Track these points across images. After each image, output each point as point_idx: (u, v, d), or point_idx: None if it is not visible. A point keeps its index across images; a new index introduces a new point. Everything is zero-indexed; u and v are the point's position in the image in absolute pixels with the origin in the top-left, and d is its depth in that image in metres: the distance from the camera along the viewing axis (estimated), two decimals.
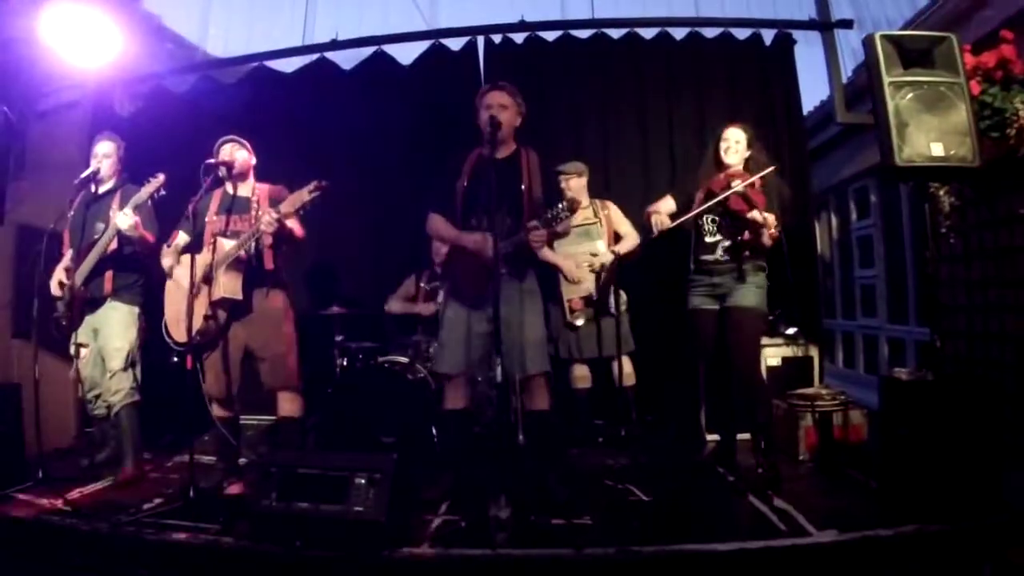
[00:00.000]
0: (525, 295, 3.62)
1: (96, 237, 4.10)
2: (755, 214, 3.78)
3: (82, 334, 4.19)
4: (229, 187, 3.98)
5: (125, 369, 4.16)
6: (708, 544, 2.94)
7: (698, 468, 4.21)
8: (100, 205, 4.23)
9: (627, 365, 4.79)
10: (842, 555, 2.94)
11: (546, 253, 4.67)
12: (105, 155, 4.28)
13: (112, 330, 4.17)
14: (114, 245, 4.09)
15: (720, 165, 4.08)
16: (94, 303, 4.19)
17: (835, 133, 6.84)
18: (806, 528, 3.11)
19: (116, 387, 4.13)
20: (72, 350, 4.17)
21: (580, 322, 4.72)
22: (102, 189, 4.28)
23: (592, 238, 4.82)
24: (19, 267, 5.09)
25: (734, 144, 4.03)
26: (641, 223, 4.57)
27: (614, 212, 4.94)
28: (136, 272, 4.25)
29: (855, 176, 7.14)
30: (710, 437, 4.64)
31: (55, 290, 4.18)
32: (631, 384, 4.84)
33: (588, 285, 4.67)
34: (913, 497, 3.17)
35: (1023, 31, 4.03)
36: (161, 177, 4.00)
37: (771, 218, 3.83)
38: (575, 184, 4.79)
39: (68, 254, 4.22)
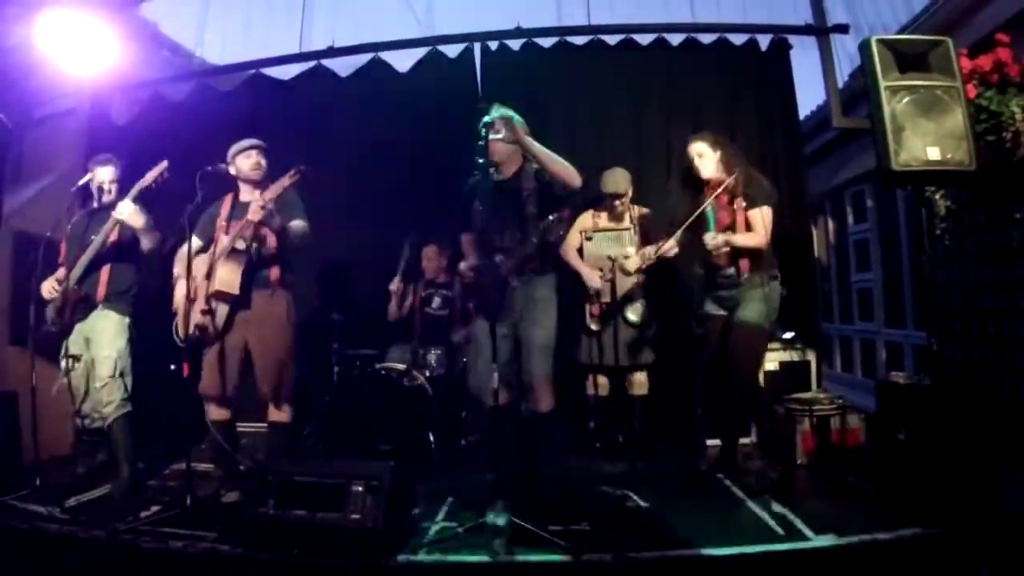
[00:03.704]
0: (535, 304, 3.65)
1: (87, 245, 4.09)
2: (709, 239, 3.86)
3: (74, 344, 4.13)
4: (243, 194, 4.00)
5: (114, 377, 4.09)
6: (706, 550, 2.94)
7: (695, 474, 4.20)
8: (100, 218, 4.21)
9: (640, 375, 4.82)
10: (840, 559, 2.93)
11: (570, 258, 4.82)
12: (112, 181, 4.25)
13: (102, 338, 4.11)
14: (113, 237, 4.08)
15: (698, 179, 4.10)
16: (86, 307, 4.14)
17: (831, 137, 6.86)
18: (804, 532, 3.10)
19: (107, 398, 4.07)
20: (62, 361, 4.12)
21: (595, 327, 4.71)
22: (103, 201, 4.28)
23: (622, 244, 4.80)
24: (16, 274, 5.08)
25: (696, 158, 4.07)
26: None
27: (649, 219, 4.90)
28: (130, 278, 4.24)
29: (852, 180, 7.15)
30: (709, 442, 4.64)
31: (47, 293, 4.11)
32: (641, 394, 4.85)
33: (606, 292, 4.66)
34: (911, 501, 3.18)
35: (1019, 34, 4.04)
36: (164, 163, 3.97)
37: (738, 240, 3.89)
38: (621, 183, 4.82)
39: (62, 270, 4.16)
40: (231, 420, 3.99)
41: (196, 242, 3.88)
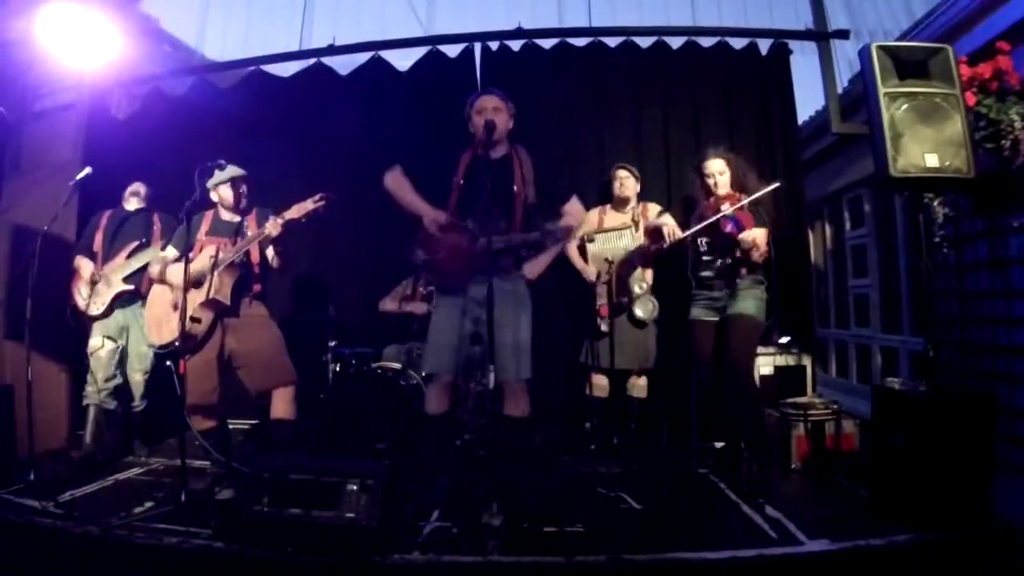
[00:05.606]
0: (516, 299, 3.60)
1: (135, 245, 4.54)
2: (745, 235, 3.93)
3: (111, 326, 4.54)
4: (223, 214, 4.10)
5: (147, 373, 4.65)
6: (699, 552, 2.94)
7: (689, 477, 4.21)
8: (134, 223, 4.65)
9: (642, 378, 4.85)
10: (834, 564, 2.94)
11: (567, 251, 4.82)
12: (147, 195, 4.73)
13: (143, 335, 4.48)
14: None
15: (709, 193, 4.23)
16: (128, 299, 4.55)
17: (830, 143, 6.85)
18: (798, 537, 3.10)
19: (143, 387, 4.66)
20: (95, 341, 4.52)
21: (605, 328, 4.70)
22: (133, 208, 4.70)
23: (624, 241, 4.84)
24: (13, 268, 5.07)
25: (717, 176, 4.20)
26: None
27: (651, 213, 4.88)
28: None
29: (849, 186, 7.15)
30: (704, 445, 4.64)
31: (85, 281, 4.50)
32: (641, 397, 4.87)
33: (603, 295, 4.67)
34: (905, 506, 3.18)
35: (1019, 43, 4.05)
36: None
37: (759, 238, 3.98)
38: (631, 185, 4.88)
39: (88, 267, 4.55)
40: (220, 425, 4.04)
41: (172, 252, 4.01)
